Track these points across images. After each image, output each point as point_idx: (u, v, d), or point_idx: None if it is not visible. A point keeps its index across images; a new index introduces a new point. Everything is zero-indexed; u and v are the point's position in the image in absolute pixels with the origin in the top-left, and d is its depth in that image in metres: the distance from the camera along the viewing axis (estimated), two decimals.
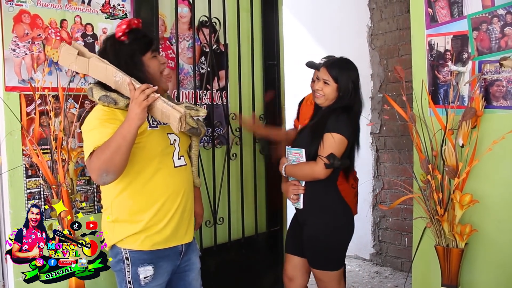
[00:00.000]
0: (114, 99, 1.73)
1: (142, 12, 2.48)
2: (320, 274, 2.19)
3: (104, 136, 1.66)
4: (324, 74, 2.16)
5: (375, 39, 4.09)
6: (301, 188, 2.18)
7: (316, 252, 2.19)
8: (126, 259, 1.80)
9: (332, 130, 2.06)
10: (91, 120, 1.76)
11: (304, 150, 2.14)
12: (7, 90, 2.12)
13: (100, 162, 1.64)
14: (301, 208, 2.20)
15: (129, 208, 1.79)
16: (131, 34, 1.79)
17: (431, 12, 2.24)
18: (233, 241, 2.91)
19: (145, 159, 1.77)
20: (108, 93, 1.74)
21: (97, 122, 1.72)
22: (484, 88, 2.07)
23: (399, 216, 3.99)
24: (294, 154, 2.19)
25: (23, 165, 2.16)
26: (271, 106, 3.11)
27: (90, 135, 1.72)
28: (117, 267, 1.83)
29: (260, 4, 3.05)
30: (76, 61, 1.75)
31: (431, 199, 2.08)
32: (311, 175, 2.11)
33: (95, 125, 1.72)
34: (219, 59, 2.86)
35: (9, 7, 2.11)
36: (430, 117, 2.19)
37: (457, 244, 2.06)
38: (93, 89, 1.78)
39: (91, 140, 1.69)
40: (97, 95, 1.76)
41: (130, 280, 1.80)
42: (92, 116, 1.77)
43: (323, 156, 2.05)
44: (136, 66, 1.77)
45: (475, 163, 2.02)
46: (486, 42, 2.08)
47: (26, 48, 2.16)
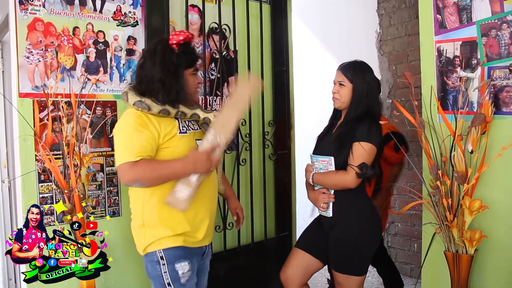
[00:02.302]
0: (148, 105, 1.79)
1: (153, 19, 2.52)
2: (343, 279, 2.15)
3: (139, 144, 1.74)
4: (339, 76, 2.18)
5: (384, 44, 4.09)
6: (332, 196, 2.16)
7: (342, 255, 2.16)
8: (161, 258, 1.82)
9: (361, 139, 2.05)
10: (125, 126, 1.80)
11: (333, 158, 2.11)
12: (21, 96, 2.16)
13: (141, 175, 1.72)
14: (330, 216, 2.17)
15: (159, 213, 1.83)
16: (182, 46, 1.85)
17: (440, 18, 2.25)
18: (242, 246, 2.92)
19: None
20: (143, 99, 1.79)
21: (131, 129, 1.77)
22: (494, 94, 2.07)
23: (408, 222, 3.97)
24: (322, 162, 2.16)
25: (35, 170, 2.19)
26: (280, 112, 3.12)
27: (125, 142, 1.77)
28: (154, 272, 1.84)
29: (269, 11, 3.08)
30: None
31: (440, 205, 2.08)
32: (342, 185, 2.09)
33: (130, 132, 1.77)
34: (229, 65, 2.88)
35: (24, 15, 2.16)
36: (439, 123, 2.19)
37: (467, 250, 2.06)
38: (128, 93, 1.83)
39: (129, 149, 1.74)
40: (132, 100, 1.80)
41: (169, 281, 1.82)
42: (126, 121, 1.81)
43: (354, 165, 2.05)
44: (178, 77, 1.84)
45: (484, 169, 2.02)
46: (495, 48, 2.08)
47: (39, 55, 2.20)
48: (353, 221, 2.14)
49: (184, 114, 1.88)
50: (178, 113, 1.86)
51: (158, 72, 1.81)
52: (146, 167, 1.72)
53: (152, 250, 1.84)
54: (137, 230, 1.89)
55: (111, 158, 2.42)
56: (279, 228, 3.13)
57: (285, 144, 3.16)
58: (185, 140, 1.86)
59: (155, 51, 1.84)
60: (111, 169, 2.42)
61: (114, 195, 2.43)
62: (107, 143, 2.41)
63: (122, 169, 1.73)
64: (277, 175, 3.11)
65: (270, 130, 3.07)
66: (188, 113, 1.89)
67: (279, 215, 3.13)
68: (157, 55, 1.83)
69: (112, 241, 2.37)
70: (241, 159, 2.91)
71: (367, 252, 2.19)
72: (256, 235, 3.01)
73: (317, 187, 2.22)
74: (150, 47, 1.90)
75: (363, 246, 2.16)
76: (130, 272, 2.49)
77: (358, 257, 2.16)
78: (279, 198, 3.12)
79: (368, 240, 2.18)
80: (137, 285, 2.52)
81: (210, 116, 1.93)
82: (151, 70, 1.82)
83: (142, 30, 2.51)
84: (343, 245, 2.15)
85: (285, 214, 3.16)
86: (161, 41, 1.89)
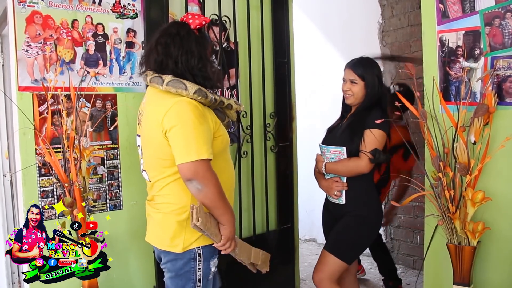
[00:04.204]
0: (206, 93, 1.73)
1: (152, 11, 2.50)
2: (331, 260, 2.21)
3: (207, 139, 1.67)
4: (350, 75, 2.26)
5: (386, 35, 4.06)
6: (345, 184, 2.24)
7: (341, 238, 2.24)
8: (199, 255, 1.78)
9: (372, 127, 2.15)
10: (189, 116, 1.67)
11: (345, 148, 2.20)
12: (20, 90, 2.15)
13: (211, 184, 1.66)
14: (343, 203, 2.25)
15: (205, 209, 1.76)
16: (200, 30, 1.80)
17: (443, 8, 2.22)
18: (244, 238, 2.91)
19: (223, 151, 1.82)
20: (201, 88, 1.72)
21: (195, 119, 1.66)
22: (497, 84, 2.04)
23: (410, 213, 3.97)
24: (334, 152, 2.24)
25: (36, 164, 2.19)
26: (281, 104, 3.10)
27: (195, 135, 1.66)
28: (185, 268, 1.78)
29: (270, 2, 3.05)
30: None
31: (442, 196, 2.07)
32: (356, 170, 2.18)
33: (196, 124, 1.66)
34: (230, 57, 2.86)
35: (22, 8, 2.14)
36: (441, 114, 2.18)
37: (469, 242, 2.04)
38: (184, 82, 1.70)
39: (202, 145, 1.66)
40: (193, 88, 1.69)
41: (200, 277, 1.79)
42: (187, 112, 1.67)
43: (366, 151, 2.15)
44: (210, 62, 1.81)
45: (487, 160, 2.00)
46: (499, 37, 2.05)
47: (38, 48, 2.19)
48: (363, 212, 2.24)
49: (222, 102, 1.85)
50: (218, 102, 1.81)
51: (196, 61, 1.73)
52: (218, 183, 1.69)
53: (193, 247, 1.77)
54: (180, 225, 1.76)
55: (111, 152, 2.41)
56: (281, 221, 3.13)
57: (287, 136, 3.14)
58: (223, 127, 1.84)
59: (180, 36, 1.74)
60: (112, 162, 2.42)
61: (115, 188, 2.43)
62: (108, 136, 2.40)
63: (197, 166, 1.64)
64: (278, 167, 3.10)
65: (271, 122, 3.06)
66: (225, 101, 1.86)
67: (281, 207, 3.13)
68: (186, 40, 1.74)
69: (113, 235, 2.37)
70: (243, 151, 2.90)
71: (365, 241, 2.34)
72: (258, 228, 3.00)
73: (328, 176, 2.30)
74: (170, 31, 1.77)
75: (363, 235, 2.29)
76: (131, 265, 2.50)
77: (354, 245, 2.28)
78: (281, 190, 3.11)
79: (369, 229, 2.30)
80: (139, 278, 2.53)
81: (231, 102, 1.91)
82: (185, 58, 1.73)
83: (141, 22, 2.49)
84: (345, 230, 2.24)
85: (287, 207, 3.16)
86: (181, 25, 1.79)
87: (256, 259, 2.02)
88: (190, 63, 1.74)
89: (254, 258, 2.01)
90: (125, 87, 2.45)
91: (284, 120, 3.11)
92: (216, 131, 1.75)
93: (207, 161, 1.65)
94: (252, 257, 2.00)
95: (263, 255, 2.05)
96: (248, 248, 1.99)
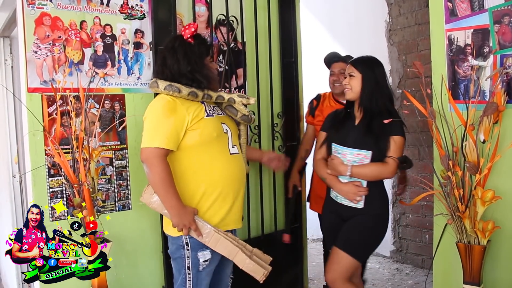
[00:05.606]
0: (178, 88, 1.92)
1: (160, 11, 2.50)
2: (345, 259, 2.20)
3: (167, 131, 1.86)
4: (349, 69, 2.27)
5: (394, 34, 4.05)
6: (366, 189, 2.22)
7: (356, 237, 2.23)
8: (186, 244, 1.91)
9: (395, 133, 2.17)
10: (156, 109, 1.92)
11: (371, 153, 2.18)
12: (30, 91, 2.17)
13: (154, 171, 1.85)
14: (361, 207, 2.23)
15: (190, 194, 1.92)
16: (196, 38, 2.01)
17: (451, 6, 2.21)
18: (252, 238, 2.92)
19: (202, 144, 1.92)
20: (172, 83, 1.93)
21: (161, 112, 1.89)
22: (506, 82, 2.03)
23: (419, 212, 3.95)
24: (358, 156, 2.20)
25: (45, 164, 2.20)
26: (289, 103, 3.10)
27: (155, 126, 1.89)
28: (176, 253, 1.94)
29: (277, 2, 3.05)
30: None
31: (452, 195, 2.06)
32: (383, 176, 2.20)
33: (159, 116, 1.89)
34: (237, 57, 2.86)
35: (31, 10, 2.15)
36: (450, 112, 2.16)
37: (479, 241, 2.03)
38: (157, 81, 1.96)
39: (157, 134, 1.86)
40: (163, 84, 1.94)
41: (190, 265, 1.92)
42: (156, 105, 1.93)
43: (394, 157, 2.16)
44: (204, 66, 2.00)
45: (497, 158, 1.99)
46: (508, 35, 2.04)
47: (47, 49, 2.20)
48: (378, 211, 2.25)
49: (210, 97, 2.02)
50: (204, 96, 1.99)
51: (185, 66, 1.95)
52: (163, 172, 1.84)
53: (181, 235, 1.91)
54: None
55: (120, 152, 2.42)
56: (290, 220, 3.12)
57: (294, 136, 3.14)
58: (211, 122, 1.97)
59: (174, 48, 1.97)
60: (121, 162, 2.43)
61: (123, 188, 2.44)
62: (116, 137, 2.41)
63: (148, 152, 1.85)
64: None
65: (279, 122, 3.06)
66: (213, 96, 2.04)
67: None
68: (178, 51, 1.96)
69: (122, 235, 2.38)
70: None
71: (379, 239, 2.31)
72: (266, 227, 3.00)
73: (345, 180, 2.23)
74: (167, 45, 2.02)
75: (379, 233, 2.29)
76: (140, 265, 2.51)
77: (369, 244, 2.29)
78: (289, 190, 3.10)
79: (384, 227, 2.31)
80: (147, 278, 2.53)
81: (234, 96, 2.08)
82: (177, 66, 1.96)
83: (149, 23, 2.50)
84: (361, 229, 2.23)
85: (295, 206, 3.15)
86: (176, 38, 2.03)
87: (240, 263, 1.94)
88: (181, 69, 1.96)
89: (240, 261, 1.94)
90: (133, 88, 2.46)
91: (291, 120, 3.11)
92: (193, 124, 1.91)
93: (158, 149, 1.84)
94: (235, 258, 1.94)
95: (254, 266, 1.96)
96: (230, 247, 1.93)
